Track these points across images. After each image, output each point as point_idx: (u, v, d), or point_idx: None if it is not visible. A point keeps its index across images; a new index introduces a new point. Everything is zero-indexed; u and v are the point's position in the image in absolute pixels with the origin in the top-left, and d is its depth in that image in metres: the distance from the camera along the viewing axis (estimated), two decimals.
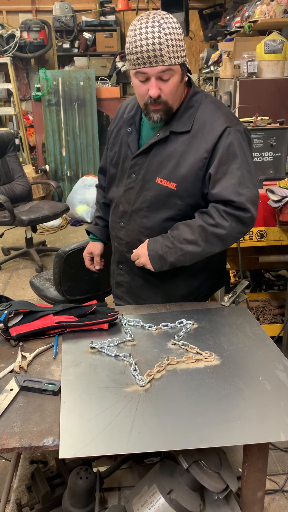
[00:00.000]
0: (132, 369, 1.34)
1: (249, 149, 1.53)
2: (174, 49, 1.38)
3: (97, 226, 1.94)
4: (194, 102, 1.54)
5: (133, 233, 1.67)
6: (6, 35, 6.17)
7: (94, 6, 6.41)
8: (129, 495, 1.35)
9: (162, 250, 1.57)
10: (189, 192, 1.54)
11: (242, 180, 1.48)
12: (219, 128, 1.49)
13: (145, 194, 1.60)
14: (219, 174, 1.49)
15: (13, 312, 1.55)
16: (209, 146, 1.49)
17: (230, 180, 1.48)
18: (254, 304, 3.09)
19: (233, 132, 1.49)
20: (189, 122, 1.52)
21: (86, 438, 1.10)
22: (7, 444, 1.10)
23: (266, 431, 1.14)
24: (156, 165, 1.57)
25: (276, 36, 3.44)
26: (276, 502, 2.01)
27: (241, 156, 1.49)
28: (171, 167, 1.54)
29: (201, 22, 6.08)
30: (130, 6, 5.79)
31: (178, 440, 1.11)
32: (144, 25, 1.36)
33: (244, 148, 1.51)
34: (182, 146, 1.52)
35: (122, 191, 1.67)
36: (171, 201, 1.57)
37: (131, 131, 1.63)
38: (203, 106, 1.54)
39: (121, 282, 1.79)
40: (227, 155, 1.48)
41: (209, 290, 1.86)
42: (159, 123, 1.55)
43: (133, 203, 1.64)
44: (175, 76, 1.43)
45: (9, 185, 4.51)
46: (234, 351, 1.44)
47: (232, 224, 1.49)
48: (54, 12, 6.19)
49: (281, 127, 2.93)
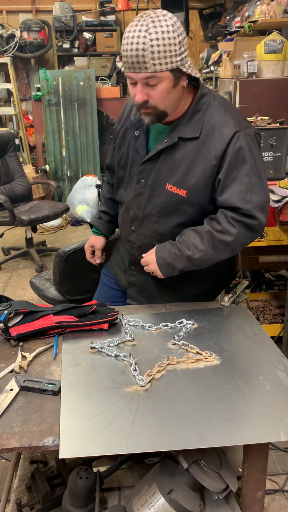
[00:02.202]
0: (132, 369, 1.34)
1: (258, 152, 1.50)
2: (161, 55, 1.31)
3: (101, 220, 1.93)
4: (202, 105, 1.50)
5: (145, 237, 1.66)
6: (6, 35, 6.17)
7: (94, 6, 6.41)
8: (129, 495, 1.35)
9: (170, 258, 1.56)
10: (199, 199, 1.53)
11: (250, 186, 1.46)
12: (228, 134, 1.45)
13: (155, 200, 1.59)
14: (228, 180, 1.47)
15: (13, 312, 1.55)
16: (219, 153, 1.46)
17: (238, 186, 1.46)
18: (254, 304, 3.09)
19: (243, 136, 1.46)
20: (197, 128, 1.48)
21: (86, 438, 1.10)
22: (7, 444, 1.10)
23: (266, 431, 1.14)
24: (165, 171, 1.55)
25: (276, 36, 3.44)
26: (276, 502, 2.01)
27: (250, 161, 1.46)
28: (181, 174, 1.52)
29: (201, 22, 6.08)
30: (130, 6, 5.79)
31: (178, 440, 1.11)
32: (133, 28, 1.32)
33: (254, 152, 1.47)
34: (191, 152, 1.50)
35: (131, 195, 1.65)
36: (181, 207, 1.55)
37: (138, 134, 1.60)
38: (211, 109, 1.49)
39: (134, 282, 1.78)
40: (236, 160, 1.45)
41: (218, 290, 1.89)
42: (167, 127, 1.53)
43: (144, 208, 1.62)
44: (163, 82, 1.37)
45: (9, 185, 4.51)
46: (234, 351, 1.44)
47: (240, 231, 1.48)
48: (54, 12, 6.19)
49: (281, 127, 2.93)
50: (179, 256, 1.54)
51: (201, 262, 1.55)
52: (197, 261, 1.54)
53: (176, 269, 1.57)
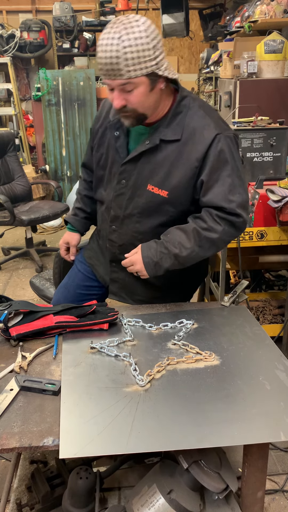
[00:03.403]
0: (132, 369, 1.34)
1: (238, 154, 1.54)
2: (135, 61, 1.33)
3: (76, 217, 1.95)
4: (182, 108, 1.52)
5: (126, 236, 1.68)
6: (6, 35, 6.17)
7: (94, 6, 6.41)
8: (129, 495, 1.35)
9: (157, 257, 1.58)
10: (181, 199, 1.56)
11: (232, 187, 1.50)
12: (209, 136, 1.48)
13: (137, 201, 1.61)
14: (211, 181, 1.50)
15: (13, 312, 1.55)
16: (200, 155, 1.49)
17: (221, 187, 1.49)
18: (254, 304, 3.09)
19: (223, 138, 1.49)
20: (178, 130, 1.51)
21: (86, 438, 1.10)
22: (7, 444, 1.10)
23: (266, 431, 1.14)
24: (146, 172, 1.57)
25: (276, 36, 3.45)
26: (276, 502, 2.01)
27: (231, 163, 1.49)
28: (162, 175, 1.54)
29: (201, 22, 6.08)
30: (130, 6, 5.79)
31: (178, 440, 1.11)
32: (106, 35, 1.33)
33: (234, 153, 1.51)
34: (173, 154, 1.52)
35: (112, 195, 1.67)
36: (163, 208, 1.58)
37: (119, 135, 1.61)
38: (192, 112, 1.52)
39: (116, 278, 1.80)
40: (218, 162, 1.49)
41: (196, 286, 1.94)
42: (148, 128, 1.55)
43: (125, 208, 1.64)
44: (139, 87, 1.39)
45: (9, 185, 4.51)
46: (234, 351, 1.44)
47: (225, 228, 1.52)
48: (54, 12, 6.19)
49: (281, 127, 2.93)
50: (166, 254, 1.56)
51: (187, 260, 1.57)
52: (184, 259, 1.56)
53: (163, 268, 1.59)
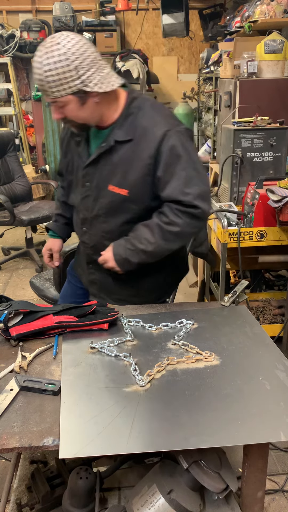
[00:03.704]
0: (132, 369, 1.34)
1: (192, 147, 1.58)
2: (57, 83, 1.40)
3: (57, 223, 2.00)
4: (133, 109, 1.57)
5: (96, 237, 1.74)
6: (6, 35, 6.17)
7: (94, 6, 6.41)
8: (129, 495, 1.35)
9: (125, 254, 1.64)
10: (140, 196, 1.61)
11: (188, 180, 1.54)
12: (159, 133, 1.52)
13: (101, 201, 1.66)
14: (167, 177, 1.54)
15: (13, 312, 1.55)
16: (152, 152, 1.53)
17: (177, 181, 1.54)
18: (254, 304, 3.09)
19: (174, 134, 1.53)
20: (131, 130, 1.56)
21: (86, 438, 1.10)
22: (7, 444, 1.10)
23: (266, 431, 1.14)
24: (106, 173, 1.62)
25: (276, 36, 3.44)
26: (276, 502, 2.01)
27: (184, 156, 1.53)
28: (121, 175, 1.60)
29: (201, 22, 6.08)
30: (130, 6, 5.79)
31: (178, 440, 1.11)
32: (35, 57, 1.42)
33: (187, 147, 1.55)
34: (128, 153, 1.57)
35: (79, 198, 1.73)
36: (125, 206, 1.63)
37: (80, 140, 1.68)
38: (143, 112, 1.57)
39: (94, 280, 1.85)
40: (170, 157, 1.53)
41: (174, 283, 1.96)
42: (105, 131, 1.61)
43: (91, 210, 1.70)
44: (69, 104, 1.47)
45: (9, 185, 4.51)
46: (234, 351, 1.44)
47: (186, 221, 1.56)
48: (54, 12, 6.19)
49: (281, 127, 2.93)
50: (134, 250, 1.62)
51: (155, 253, 1.63)
52: (151, 253, 1.62)
53: (132, 263, 1.65)
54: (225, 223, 2.56)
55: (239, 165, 2.94)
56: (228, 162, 3.01)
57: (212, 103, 4.97)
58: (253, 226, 2.60)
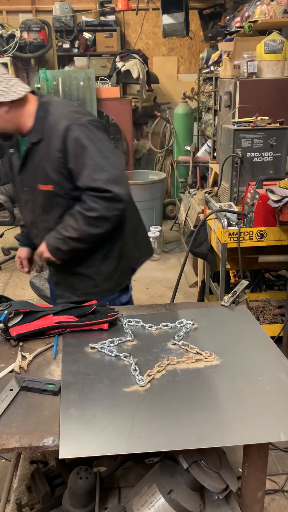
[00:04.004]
0: (132, 369, 1.34)
1: (99, 136, 1.67)
2: None
3: (22, 234, 2.13)
4: (43, 112, 1.69)
5: (43, 237, 1.81)
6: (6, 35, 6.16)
7: (94, 6, 6.41)
8: (129, 495, 1.35)
9: (56, 243, 1.74)
10: (65, 189, 1.72)
11: (96, 167, 1.63)
12: (62, 127, 1.64)
13: (37, 202, 1.79)
14: (77, 167, 1.65)
15: (13, 312, 1.55)
16: (59, 146, 1.65)
17: (86, 170, 1.64)
18: (254, 304, 3.09)
19: (76, 127, 1.63)
20: (42, 131, 1.69)
21: (86, 438, 1.10)
22: (7, 444, 1.10)
23: (266, 431, 1.14)
24: (33, 175, 1.75)
25: (276, 36, 3.44)
26: (276, 502, 2.01)
27: (90, 146, 1.63)
28: (43, 173, 1.71)
29: (201, 22, 6.08)
30: (130, 6, 5.78)
31: (178, 440, 1.11)
32: None
33: (92, 137, 1.64)
34: (43, 152, 1.70)
35: (23, 204, 1.87)
36: (55, 201, 1.74)
37: (13, 151, 1.83)
38: (50, 112, 1.69)
39: (58, 281, 1.93)
40: (76, 149, 1.63)
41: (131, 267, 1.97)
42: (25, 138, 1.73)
43: (33, 212, 1.83)
44: None
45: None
46: (234, 351, 1.44)
47: (103, 205, 1.64)
48: (54, 12, 6.18)
49: (281, 127, 2.93)
50: (62, 239, 1.72)
51: (83, 239, 1.72)
52: (79, 239, 1.71)
53: (64, 251, 1.75)
54: (225, 223, 2.56)
55: (239, 165, 2.94)
56: (228, 162, 3.01)
57: (212, 103, 4.97)
58: (253, 226, 2.60)
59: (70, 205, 1.73)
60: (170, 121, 5.97)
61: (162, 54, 6.90)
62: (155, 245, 4.65)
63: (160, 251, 4.75)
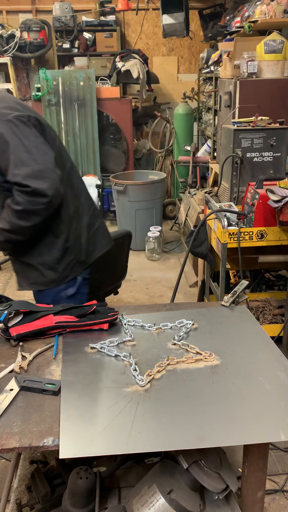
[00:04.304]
0: (132, 369, 1.34)
1: (24, 131, 1.68)
2: None
3: None
4: None
5: None
6: (6, 35, 6.16)
7: (94, 6, 6.41)
8: (129, 495, 1.35)
9: None
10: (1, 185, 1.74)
11: (17, 162, 1.65)
12: None
13: None
14: (3, 163, 1.67)
15: (13, 312, 1.55)
16: None
17: (10, 165, 1.66)
18: (254, 304, 3.09)
19: (1, 123, 1.66)
20: None
21: (86, 438, 1.10)
22: (7, 444, 1.10)
23: (266, 431, 1.14)
24: None
25: (276, 36, 3.44)
26: (276, 502, 2.01)
27: (13, 142, 1.65)
28: None
29: (201, 22, 6.08)
30: (130, 6, 5.79)
31: (178, 440, 1.11)
32: None
33: (17, 132, 1.66)
34: None
35: None
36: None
37: None
38: None
39: (15, 269, 1.97)
40: (1, 145, 1.65)
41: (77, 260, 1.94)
42: None
43: None
44: None
45: None
46: (234, 351, 1.44)
47: (26, 199, 1.66)
48: (54, 12, 6.18)
49: (281, 127, 2.93)
50: None
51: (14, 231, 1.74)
52: (11, 231, 1.74)
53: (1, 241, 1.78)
54: (225, 223, 2.56)
55: (239, 165, 2.95)
56: (228, 162, 3.02)
57: (212, 103, 4.97)
58: (253, 226, 2.60)
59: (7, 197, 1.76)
60: (170, 121, 5.97)
61: (162, 54, 6.90)
62: (155, 245, 4.66)
63: (160, 251, 4.75)
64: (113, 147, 6.07)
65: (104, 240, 2.03)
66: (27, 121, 1.71)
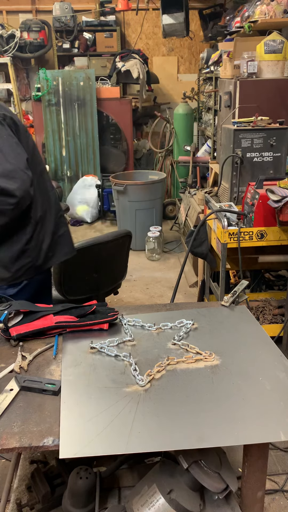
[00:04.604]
0: (132, 369, 1.34)
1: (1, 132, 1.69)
2: None
3: None
4: None
5: None
6: (6, 35, 6.17)
7: (94, 6, 6.41)
8: (129, 495, 1.35)
9: None
10: None
11: None
12: None
13: None
14: None
15: (13, 312, 1.55)
16: None
17: None
18: (254, 304, 3.09)
19: None
20: None
21: (86, 438, 1.10)
22: (7, 444, 1.10)
23: (266, 431, 1.14)
24: None
25: (276, 36, 3.44)
26: (276, 502, 2.01)
27: None
28: None
29: (201, 22, 6.08)
30: (130, 6, 5.79)
31: (178, 440, 1.11)
32: None
33: None
34: None
35: None
36: None
37: None
38: None
39: None
40: None
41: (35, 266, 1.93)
42: None
43: None
44: None
45: None
46: (234, 351, 1.44)
47: None
48: (54, 12, 6.18)
49: (281, 127, 2.93)
50: None
51: None
52: None
53: None
54: (225, 223, 2.56)
55: (239, 165, 2.95)
56: (228, 162, 3.02)
57: (212, 103, 4.97)
58: (253, 226, 2.60)
59: None
60: (170, 121, 5.97)
61: (162, 54, 6.90)
62: (155, 245, 4.66)
63: (160, 251, 4.75)
64: (113, 147, 6.08)
65: (66, 248, 2.00)
66: (2, 120, 1.71)
